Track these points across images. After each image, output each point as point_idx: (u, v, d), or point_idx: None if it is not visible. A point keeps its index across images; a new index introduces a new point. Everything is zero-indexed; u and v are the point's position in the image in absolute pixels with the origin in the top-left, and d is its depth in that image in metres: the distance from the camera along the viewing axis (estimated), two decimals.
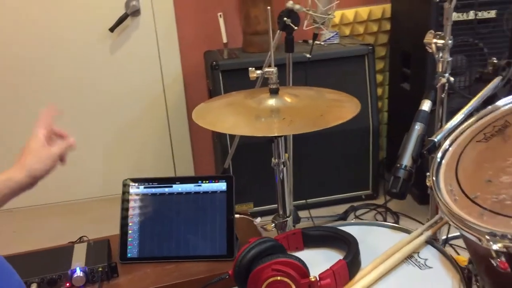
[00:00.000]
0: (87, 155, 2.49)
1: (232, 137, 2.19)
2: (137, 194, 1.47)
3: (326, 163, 2.39)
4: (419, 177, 0.97)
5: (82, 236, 1.55)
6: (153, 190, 1.47)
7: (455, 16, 2.12)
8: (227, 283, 1.06)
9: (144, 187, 1.47)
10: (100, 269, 1.33)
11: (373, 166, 2.45)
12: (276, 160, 1.20)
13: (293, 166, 1.91)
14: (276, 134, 1.07)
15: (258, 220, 1.42)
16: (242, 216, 1.45)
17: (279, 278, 0.85)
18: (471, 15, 2.11)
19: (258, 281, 0.87)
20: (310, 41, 1.77)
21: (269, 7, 1.28)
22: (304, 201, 2.29)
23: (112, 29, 2.41)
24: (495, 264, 0.74)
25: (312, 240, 1.00)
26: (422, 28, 1.54)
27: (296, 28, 1.62)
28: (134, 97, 2.57)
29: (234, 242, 1.40)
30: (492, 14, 2.12)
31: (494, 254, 0.73)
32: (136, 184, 1.48)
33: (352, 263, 0.89)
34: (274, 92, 1.12)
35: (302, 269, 0.86)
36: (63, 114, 1.10)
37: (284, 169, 1.22)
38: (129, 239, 1.44)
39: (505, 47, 2.04)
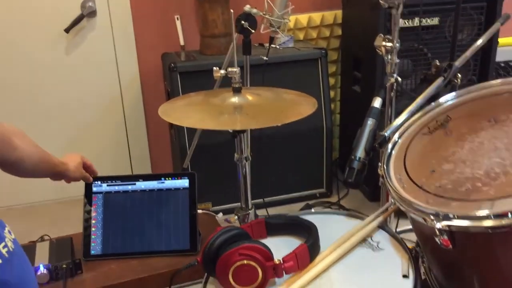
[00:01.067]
0: None
1: (190, 137, 2.23)
2: (100, 192, 1.49)
3: (283, 163, 2.48)
4: (369, 175, 1.06)
5: (43, 235, 1.56)
6: (116, 188, 1.50)
7: (402, 22, 2.26)
8: (195, 272, 1.12)
9: (107, 185, 1.50)
10: (64, 266, 1.35)
11: (326, 165, 2.56)
12: (239, 155, 1.26)
13: (251, 166, 1.98)
14: (239, 128, 1.14)
15: (220, 215, 1.47)
16: (204, 211, 1.50)
17: (245, 262, 0.92)
18: (416, 22, 2.26)
19: (226, 265, 0.93)
20: (266, 45, 1.84)
21: (232, 10, 1.35)
22: (261, 200, 2.36)
23: (67, 30, 2.40)
24: (438, 242, 0.84)
25: (274, 229, 1.07)
26: (371, 33, 1.65)
27: (253, 31, 1.69)
28: (91, 98, 2.56)
29: (197, 236, 1.45)
30: (435, 21, 2.28)
31: (437, 232, 0.82)
32: (99, 182, 1.50)
33: (312, 247, 0.97)
34: (237, 91, 1.18)
35: (267, 253, 0.93)
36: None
37: (247, 163, 1.28)
38: (93, 236, 1.46)
39: (447, 52, 2.20)
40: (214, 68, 1.28)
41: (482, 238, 0.80)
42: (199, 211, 1.48)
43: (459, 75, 1.25)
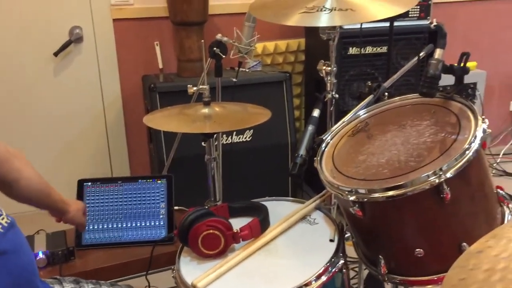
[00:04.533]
0: None
1: (168, 150, 2.54)
2: (90, 192, 1.78)
3: (253, 175, 2.79)
4: (316, 180, 1.36)
5: (39, 230, 1.83)
6: (104, 188, 1.79)
7: (356, 50, 2.65)
8: (171, 258, 1.41)
9: (97, 186, 1.79)
10: (60, 252, 1.62)
11: (292, 178, 2.88)
12: (209, 156, 1.58)
13: (225, 176, 2.29)
14: (208, 131, 1.45)
15: None
16: (180, 208, 1.80)
17: (211, 231, 1.22)
18: (368, 50, 2.64)
19: (196, 235, 1.23)
20: (236, 68, 2.18)
21: (203, 41, 1.69)
22: None
23: (56, 54, 2.71)
24: (353, 212, 1.16)
25: (235, 211, 1.39)
26: (328, 59, 2.00)
27: (224, 56, 2.01)
28: (76, 117, 2.85)
29: (173, 229, 1.75)
30: (384, 49, 2.67)
31: (352, 204, 1.15)
32: (90, 183, 1.79)
33: (263, 221, 1.28)
34: (207, 104, 1.51)
35: (228, 225, 1.24)
36: None
37: (215, 163, 1.60)
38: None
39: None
40: (189, 85, 1.61)
41: (382, 206, 1.13)
42: (176, 207, 1.78)
43: (386, 93, 1.60)
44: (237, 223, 1.29)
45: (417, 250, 1.16)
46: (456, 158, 1.08)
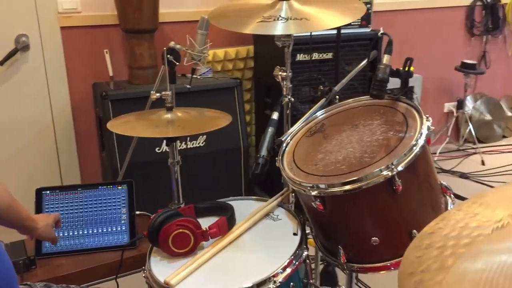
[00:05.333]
0: None
1: (122, 158, 2.55)
2: (49, 200, 1.78)
3: (208, 179, 2.85)
4: (270, 183, 1.44)
5: None
6: (63, 195, 1.79)
7: (303, 57, 2.78)
8: (136, 262, 1.44)
9: (56, 194, 1.79)
10: (21, 262, 1.62)
11: (244, 181, 2.97)
12: (172, 160, 1.63)
13: (183, 180, 2.33)
14: (172, 135, 1.51)
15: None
16: (141, 213, 1.83)
17: (181, 230, 1.28)
18: (315, 56, 2.78)
19: (166, 235, 1.28)
20: (189, 75, 2.23)
21: (165, 48, 1.74)
22: None
23: (1, 63, 2.66)
24: (315, 206, 1.26)
25: (202, 211, 1.45)
26: (277, 65, 2.10)
27: (177, 63, 2.07)
28: (23, 126, 2.80)
29: (135, 234, 1.78)
30: (329, 55, 2.82)
31: (313, 199, 1.25)
32: (48, 192, 1.79)
33: (230, 219, 1.35)
34: (169, 109, 1.56)
35: (196, 224, 1.31)
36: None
37: (178, 166, 1.65)
38: None
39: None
40: (152, 91, 1.66)
41: (341, 199, 1.24)
42: (137, 212, 1.81)
43: (337, 96, 1.72)
44: (204, 222, 1.35)
45: (373, 239, 1.27)
46: (405, 153, 1.21)
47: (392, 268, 1.29)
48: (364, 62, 1.83)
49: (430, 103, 3.91)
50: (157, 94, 1.64)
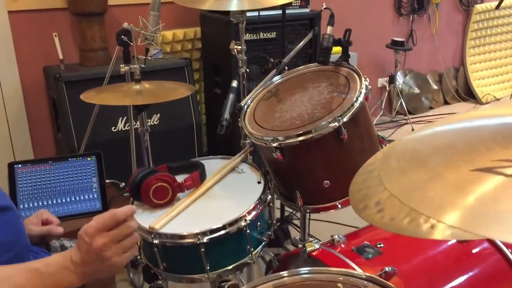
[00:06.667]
0: None
1: (79, 139, 2.66)
2: (22, 173, 1.91)
3: (162, 156, 3.00)
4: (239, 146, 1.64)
5: None
6: (35, 168, 1.93)
7: (249, 36, 3.00)
8: None
9: (28, 168, 1.92)
10: None
11: (198, 156, 3.17)
12: (142, 127, 1.82)
13: (138, 160, 2.50)
14: (141, 103, 1.70)
15: (123, 184, 1.99)
16: (111, 181, 2.00)
17: (160, 183, 1.48)
18: (260, 35, 3.01)
19: (147, 188, 1.48)
20: (139, 57, 2.38)
21: (120, 28, 1.91)
22: None
23: None
24: (275, 156, 1.50)
25: (174, 170, 1.65)
26: (225, 44, 2.31)
27: (131, 44, 2.22)
28: None
29: (106, 199, 1.95)
30: (273, 35, 3.06)
31: (274, 150, 1.49)
32: (20, 165, 1.92)
33: (202, 173, 1.57)
34: (138, 81, 1.75)
35: (173, 178, 1.51)
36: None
37: (147, 134, 1.84)
38: (20, 207, 1.87)
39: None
40: (121, 65, 1.83)
41: (297, 149, 1.48)
42: (107, 181, 1.98)
43: (286, 67, 1.97)
44: (178, 179, 1.56)
45: (324, 182, 1.53)
46: (349, 108, 1.47)
47: (340, 206, 1.56)
48: (310, 35, 2.09)
49: None
50: (126, 67, 1.81)
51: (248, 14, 2.82)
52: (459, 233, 0.70)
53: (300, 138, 1.46)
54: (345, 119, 1.45)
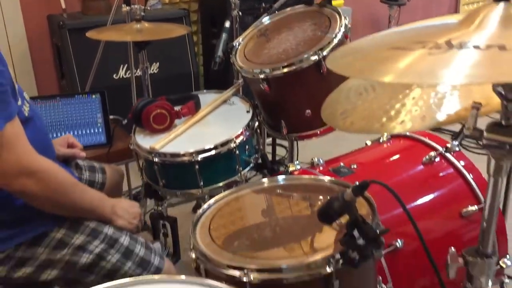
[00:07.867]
0: None
1: (82, 85, 2.85)
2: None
3: None
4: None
5: None
6: (44, 104, 2.13)
7: None
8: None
9: (37, 103, 2.12)
10: None
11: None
12: (143, 64, 2.02)
13: None
14: (140, 40, 1.90)
15: (125, 121, 2.20)
16: (114, 117, 2.20)
17: (159, 110, 1.69)
18: None
19: (148, 114, 1.68)
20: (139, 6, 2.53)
21: None
22: None
23: None
24: (262, 88, 1.70)
25: (172, 101, 1.85)
26: None
27: None
28: None
29: (111, 134, 2.16)
30: None
31: (261, 81, 1.68)
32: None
33: (197, 103, 1.78)
34: (138, 20, 1.94)
35: (171, 106, 1.72)
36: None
37: (147, 70, 2.04)
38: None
39: None
40: (123, 4, 2.02)
41: (282, 80, 1.68)
42: (111, 116, 2.18)
43: (277, 11, 2.14)
44: (176, 109, 1.76)
45: (307, 111, 1.73)
46: (329, 42, 1.66)
47: (319, 133, 1.77)
48: None
49: (359, 33, 4.42)
50: (128, 7, 2.00)
51: None
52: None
53: (285, 70, 1.65)
54: (324, 53, 1.64)
